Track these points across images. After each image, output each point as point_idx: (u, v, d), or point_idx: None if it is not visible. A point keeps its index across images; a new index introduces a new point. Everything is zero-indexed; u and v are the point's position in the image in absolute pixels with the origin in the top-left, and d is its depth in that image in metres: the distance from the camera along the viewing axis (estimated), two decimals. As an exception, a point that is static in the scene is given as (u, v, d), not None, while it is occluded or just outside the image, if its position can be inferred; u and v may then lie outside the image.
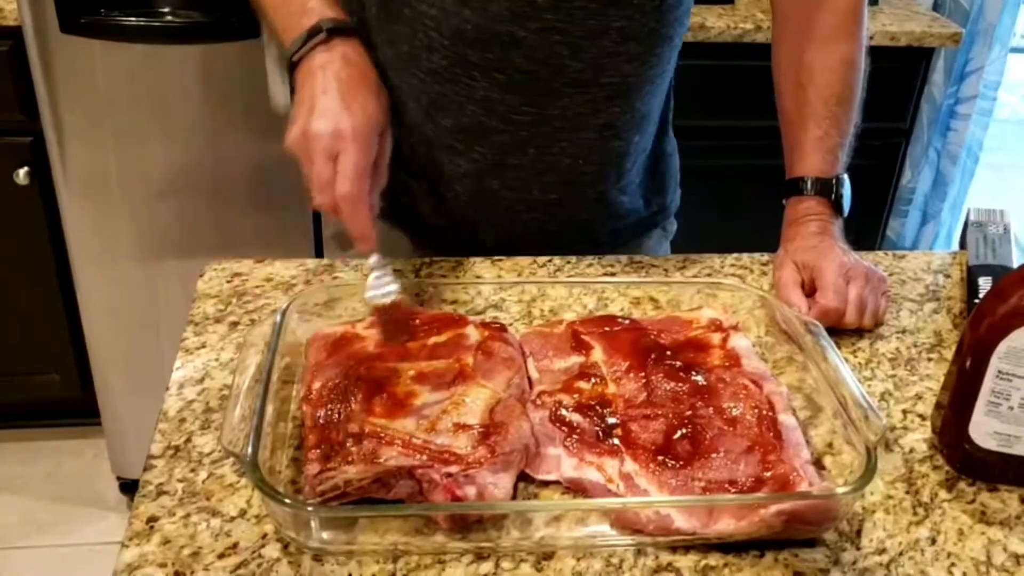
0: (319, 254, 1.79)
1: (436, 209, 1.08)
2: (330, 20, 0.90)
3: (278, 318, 0.80)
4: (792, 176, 1.02)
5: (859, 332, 0.93)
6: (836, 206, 1.00)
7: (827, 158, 1.01)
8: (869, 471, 0.67)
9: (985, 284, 0.99)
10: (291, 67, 0.91)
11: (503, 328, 0.84)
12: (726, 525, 0.67)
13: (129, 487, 2.01)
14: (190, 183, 1.71)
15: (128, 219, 1.73)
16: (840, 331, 0.92)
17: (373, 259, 0.84)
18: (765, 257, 1.06)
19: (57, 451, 2.12)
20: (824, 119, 1.01)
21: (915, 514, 0.73)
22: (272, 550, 0.66)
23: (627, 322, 0.87)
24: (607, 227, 1.12)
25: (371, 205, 0.85)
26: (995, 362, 0.72)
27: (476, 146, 1.02)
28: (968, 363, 0.74)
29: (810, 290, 0.94)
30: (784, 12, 1.07)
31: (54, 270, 1.89)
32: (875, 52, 1.11)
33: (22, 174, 1.76)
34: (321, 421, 0.71)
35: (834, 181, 1.00)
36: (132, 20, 1.55)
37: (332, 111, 0.85)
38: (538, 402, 0.77)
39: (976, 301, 0.94)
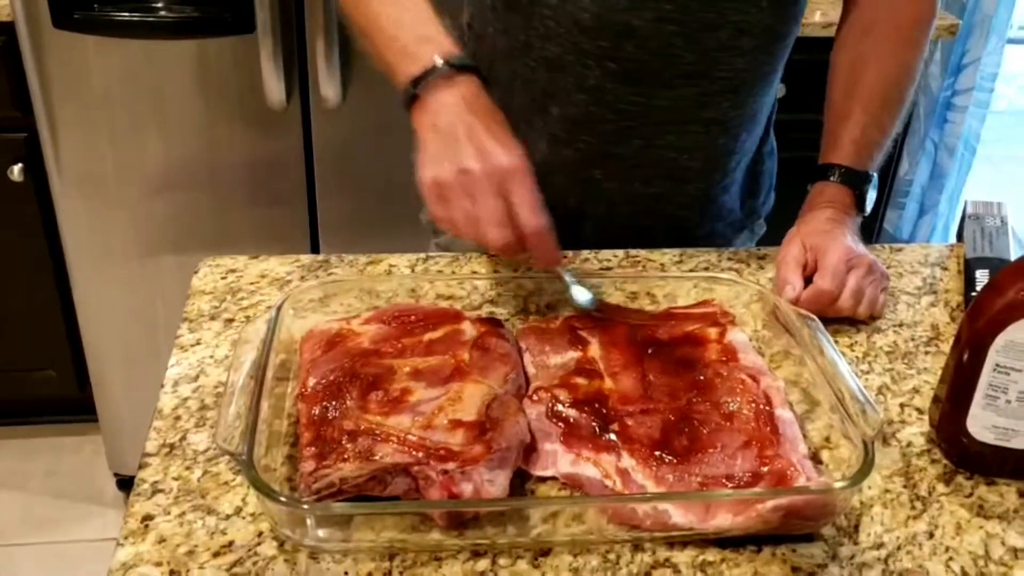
0: (315, 249, 1.79)
1: None
2: (456, 55, 0.87)
3: (273, 315, 0.79)
4: (823, 162, 1.02)
5: (856, 326, 0.93)
6: (859, 201, 1.00)
7: (862, 153, 1.01)
8: (867, 465, 0.67)
9: (982, 277, 0.99)
10: (408, 99, 0.87)
11: (499, 324, 0.84)
12: (723, 520, 0.67)
13: (127, 483, 2.00)
14: (186, 179, 1.70)
15: (124, 215, 1.73)
16: (837, 324, 0.92)
17: (567, 275, 0.88)
18: (763, 251, 1.06)
19: (55, 448, 2.12)
20: (868, 115, 1.01)
21: (913, 508, 0.73)
22: (268, 548, 0.66)
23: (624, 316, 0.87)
24: (705, 227, 1.12)
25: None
26: (992, 356, 0.72)
27: (582, 135, 1.03)
28: (965, 357, 0.74)
29: (811, 273, 0.93)
30: (854, 10, 1.06)
31: (50, 267, 1.88)
32: (872, 43, 1.10)
33: (16, 171, 1.76)
34: (316, 418, 0.71)
35: (862, 177, 1.00)
36: (126, 15, 1.54)
37: (488, 149, 0.82)
38: (535, 398, 0.76)
39: (973, 294, 0.94)
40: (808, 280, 0.92)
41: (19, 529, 1.94)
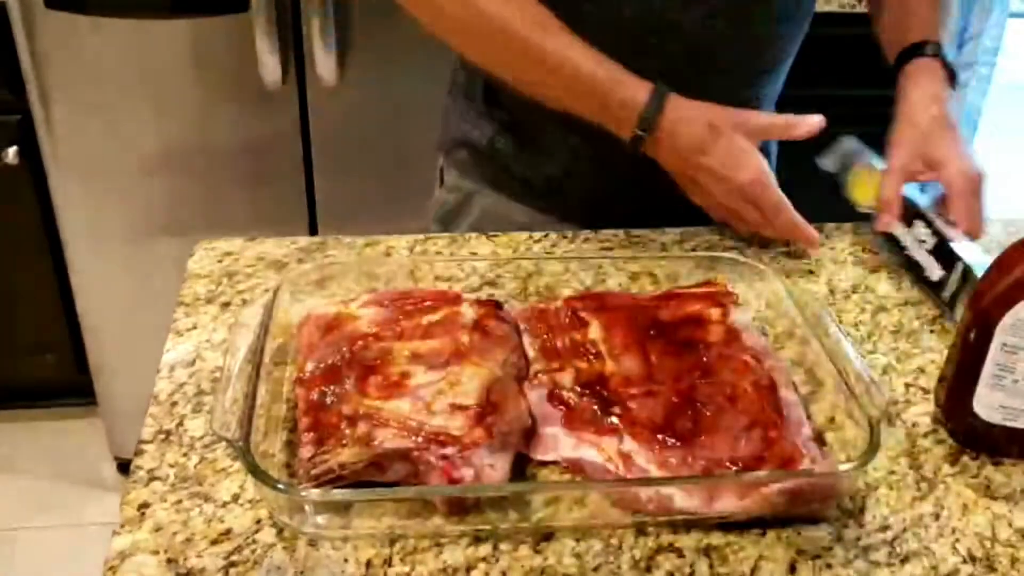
0: (313, 231, 1.77)
1: (561, 188, 1.09)
2: (643, 112, 0.91)
3: (269, 298, 0.78)
4: (907, 44, 1.01)
5: (861, 305, 0.92)
6: (951, 75, 0.99)
7: (938, 33, 1.01)
8: (872, 447, 0.66)
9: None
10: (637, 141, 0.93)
11: (499, 305, 0.83)
12: (727, 504, 0.66)
13: (127, 467, 1.97)
14: (181, 160, 1.69)
15: (119, 197, 1.71)
16: (841, 304, 0.91)
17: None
18: (765, 229, 1.04)
19: (54, 432, 2.11)
20: (929, 9, 1.03)
21: (919, 489, 0.72)
22: (266, 535, 0.65)
23: (625, 298, 0.86)
24: None
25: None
26: (1000, 335, 0.71)
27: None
28: (972, 336, 0.72)
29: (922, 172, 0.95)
30: None
31: (47, 250, 1.87)
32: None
33: (11, 153, 1.73)
34: (315, 403, 0.70)
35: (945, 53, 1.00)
36: (118, -6, 1.52)
37: (721, 181, 0.92)
38: (535, 381, 0.75)
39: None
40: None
41: (19, 513, 1.94)
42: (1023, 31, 3.33)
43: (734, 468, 0.67)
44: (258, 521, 0.66)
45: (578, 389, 0.74)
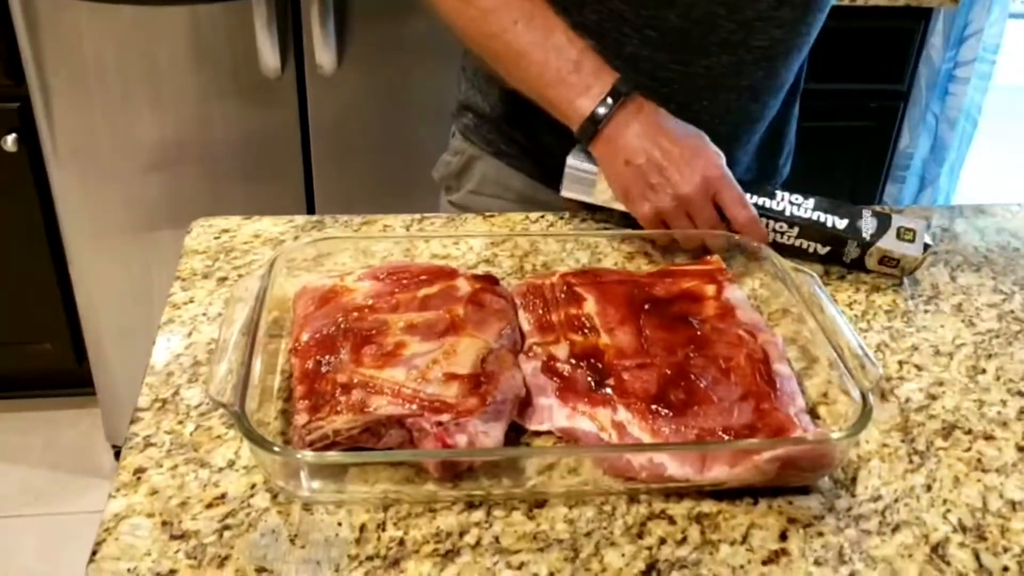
0: (312, 219, 1.77)
1: (557, 159, 1.08)
2: (617, 82, 0.92)
3: (265, 271, 0.79)
4: None
5: (855, 285, 0.92)
6: None
7: None
8: (864, 416, 0.66)
9: None
10: (588, 135, 0.93)
11: (495, 280, 0.83)
12: (720, 472, 0.66)
13: (125, 456, 2.00)
14: (180, 150, 1.69)
15: (118, 186, 1.72)
16: (836, 283, 0.92)
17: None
18: (760, 212, 1.05)
19: (53, 421, 2.11)
20: None
21: (911, 462, 0.72)
22: (261, 500, 0.66)
23: (620, 274, 0.86)
24: None
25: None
26: None
27: None
28: None
29: None
30: None
31: (45, 239, 1.87)
32: (873, 12, 1.09)
33: (10, 141, 1.74)
34: (310, 372, 0.70)
35: None
36: (118, -19, 1.52)
37: (691, 166, 0.90)
38: (530, 353, 0.76)
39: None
40: None
41: (17, 501, 1.94)
42: (1022, 32, 3.33)
43: (727, 437, 0.68)
44: (253, 486, 0.66)
45: (573, 361, 0.74)
